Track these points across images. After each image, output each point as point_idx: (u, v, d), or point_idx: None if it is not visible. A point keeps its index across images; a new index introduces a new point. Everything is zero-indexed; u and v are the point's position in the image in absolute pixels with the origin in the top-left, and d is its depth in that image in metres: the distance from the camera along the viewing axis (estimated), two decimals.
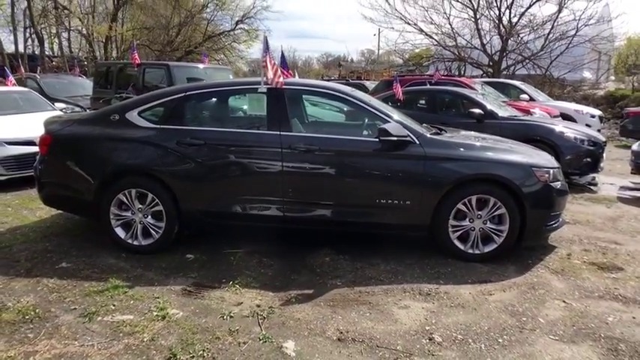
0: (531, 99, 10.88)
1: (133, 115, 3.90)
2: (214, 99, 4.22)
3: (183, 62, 9.64)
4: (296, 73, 8.45)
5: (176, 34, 25.87)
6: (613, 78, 27.39)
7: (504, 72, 16.94)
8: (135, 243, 3.87)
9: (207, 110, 4.24)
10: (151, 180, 3.78)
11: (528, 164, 3.77)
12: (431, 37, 18.21)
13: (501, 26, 17.04)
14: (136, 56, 8.36)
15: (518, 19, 16.90)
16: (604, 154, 6.87)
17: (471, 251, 3.76)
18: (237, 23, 26.69)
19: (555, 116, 9.50)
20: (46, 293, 3.19)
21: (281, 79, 3.78)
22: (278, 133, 3.70)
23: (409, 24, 18.25)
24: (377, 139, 3.63)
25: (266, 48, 3.78)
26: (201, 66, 8.81)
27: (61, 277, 3.44)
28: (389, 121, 3.70)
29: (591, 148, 6.62)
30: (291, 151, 3.65)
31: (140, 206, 3.83)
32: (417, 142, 3.67)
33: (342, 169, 3.69)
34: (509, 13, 17.05)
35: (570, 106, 11.48)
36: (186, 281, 3.40)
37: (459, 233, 3.75)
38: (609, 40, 17.38)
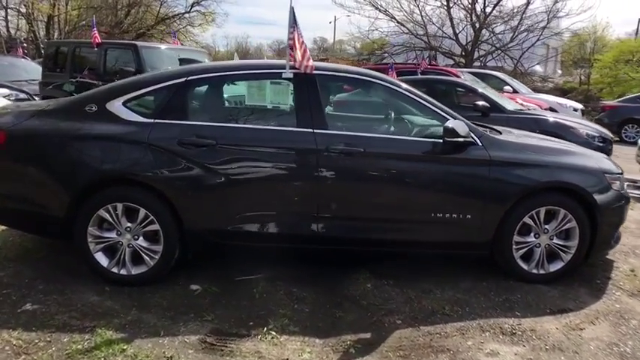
0: (514, 91, 10.63)
1: (115, 106, 2.99)
2: (225, 86, 3.35)
3: (152, 42, 8.34)
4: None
5: (125, 14, 23.90)
6: (560, 71, 28.37)
7: (475, 63, 16.77)
8: (122, 272, 2.99)
9: (215, 101, 3.36)
10: (143, 191, 2.91)
11: (601, 170, 3.23)
12: (402, 24, 17.67)
13: (474, 16, 16.81)
14: (96, 34, 7.15)
15: (493, 9, 16.74)
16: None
17: (535, 271, 3.18)
18: (192, 5, 25.06)
19: (545, 109, 9.24)
20: (9, 357, 2.29)
21: (311, 63, 3.00)
22: (311, 130, 2.93)
23: (379, 10, 17.65)
24: (439, 140, 2.95)
25: (293, 21, 2.98)
26: (174, 47, 7.72)
27: (27, 327, 2.52)
28: (448, 119, 3.02)
29: (601, 144, 6.28)
30: (328, 154, 2.90)
31: (129, 225, 2.94)
32: (480, 144, 3.03)
33: (393, 176, 2.98)
34: (484, 2, 16.84)
35: (552, 99, 11.35)
36: (202, 327, 2.58)
37: (522, 251, 3.16)
38: (560, 33, 17.68)
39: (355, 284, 3.12)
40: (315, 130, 2.93)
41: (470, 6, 16.86)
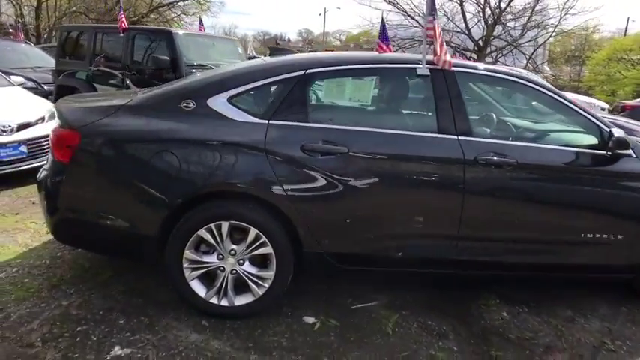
0: None
1: (219, 103, 2.44)
2: (349, 82, 2.83)
3: (190, 30, 7.36)
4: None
5: (116, 1, 22.35)
6: (547, 68, 28.88)
7: (487, 59, 16.49)
8: (223, 303, 2.49)
9: (340, 99, 2.85)
10: (257, 207, 2.40)
11: None
12: (413, 17, 17.14)
13: (487, 10, 16.46)
14: (124, 19, 6.29)
15: (508, 4, 16.37)
16: None
17: None
18: None
19: None
20: None
21: (449, 58, 2.55)
22: (455, 138, 2.49)
23: (391, 3, 17.05)
24: (600, 152, 2.58)
25: (432, 8, 2.51)
26: (207, 35, 6.86)
27: None
28: (600, 126, 2.65)
29: None
30: (475, 166, 2.47)
31: (233, 247, 2.44)
32: (634, 155, 2.68)
33: (546, 191, 2.57)
34: None
35: (581, 98, 11.25)
36: None
37: None
38: (571, 31, 17.69)
39: (488, 312, 2.74)
40: (459, 138, 2.49)
41: (483, 1, 16.46)
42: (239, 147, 2.37)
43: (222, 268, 2.47)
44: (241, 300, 2.51)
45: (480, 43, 16.57)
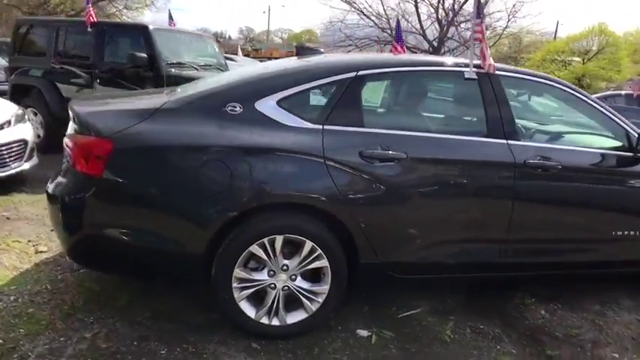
0: None
1: (268, 106, 2.25)
2: (400, 85, 2.72)
3: (164, 25, 6.62)
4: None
5: None
6: None
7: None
8: (274, 323, 2.31)
9: (391, 102, 2.72)
10: (312, 218, 2.25)
11: None
12: (369, 17, 17.35)
13: (441, 11, 17.02)
14: (92, 12, 5.60)
15: (461, 6, 17.00)
16: None
17: None
18: None
19: None
20: None
21: (492, 62, 2.55)
22: (505, 142, 2.49)
23: (347, 3, 17.13)
24: (629, 154, 2.70)
25: (480, 11, 2.49)
26: (183, 31, 6.32)
27: None
28: (626, 129, 2.77)
29: None
30: (525, 170, 2.49)
31: (285, 262, 2.27)
32: None
33: (585, 193, 2.65)
34: None
35: None
36: None
37: None
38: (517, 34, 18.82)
39: (528, 312, 2.78)
40: (508, 142, 2.50)
41: (437, 2, 17.05)
42: (295, 154, 2.20)
43: (272, 285, 2.29)
44: (293, 318, 2.34)
45: (435, 43, 17.17)
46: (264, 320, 2.31)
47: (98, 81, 5.49)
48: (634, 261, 2.90)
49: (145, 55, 5.13)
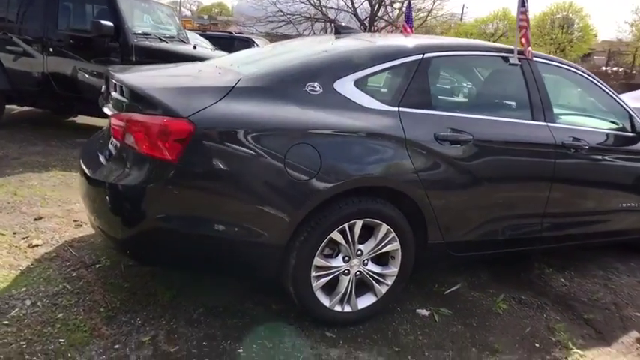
0: None
1: (346, 87, 2.09)
2: (461, 68, 2.64)
3: None
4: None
5: None
6: None
7: None
8: (346, 309, 2.24)
9: (455, 85, 2.64)
10: (390, 202, 2.18)
11: None
12: None
13: None
14: None
15: None
16: None
17: None
18: None
19: None
20: None
21: (530, 49, 2.64)
22: (545, 124, 2.62)
23: None
24: (632, 134, 3.00)
25: (523, 0, 2.54)
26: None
27: None
28: (628, 111, 3.07)
29: None
30: (562, 150, 2.65)
31: (360, 247, 2.19)
32: None
33: (604, 170, 2.92)
34: None
35: None
36: None
37: None
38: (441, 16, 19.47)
39: (551, 280, 3.00)
40: (548, 124, 2.63)
41: None
42: (379, 137, 2.10)
43: (346, 271, 2.20)
44: (363, 302, 2.29)
45: (366, 23, 17.28)
46: (338, 308, 2.22)
47: (51, 50, 4.72)
48: (634, 229, 3.26)
49: (110, 23, 4.48)
